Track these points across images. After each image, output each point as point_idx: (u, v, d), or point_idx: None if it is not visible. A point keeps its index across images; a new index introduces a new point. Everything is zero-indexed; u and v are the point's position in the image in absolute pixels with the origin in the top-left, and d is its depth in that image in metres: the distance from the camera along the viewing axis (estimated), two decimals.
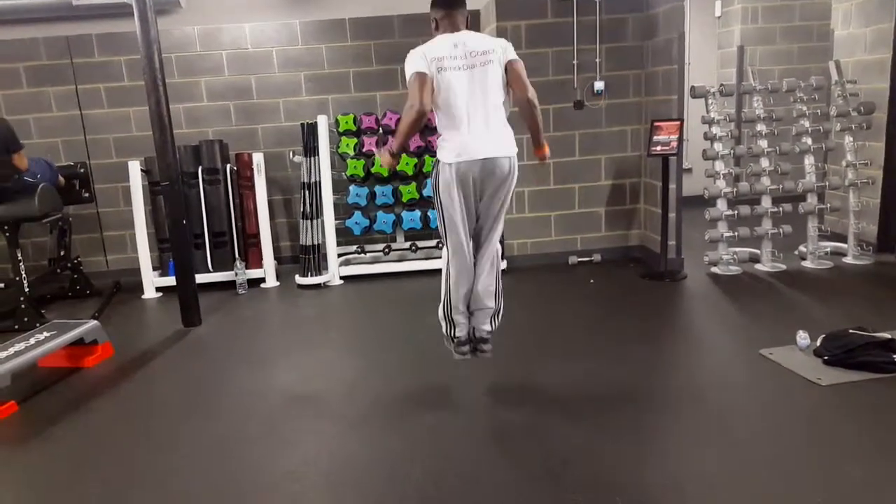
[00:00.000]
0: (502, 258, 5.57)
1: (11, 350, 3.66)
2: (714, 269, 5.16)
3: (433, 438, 2.92)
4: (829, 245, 5.32)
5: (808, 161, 5.20)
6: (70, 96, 5.85)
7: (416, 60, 2.96)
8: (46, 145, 5.83)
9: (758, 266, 5.20)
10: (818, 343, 3.48)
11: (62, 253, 5.56)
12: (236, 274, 5.45)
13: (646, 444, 2.79)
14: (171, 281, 5.07)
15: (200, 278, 5.11)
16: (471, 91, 2.96)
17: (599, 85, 5.40)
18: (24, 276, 4.84)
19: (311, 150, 5.45)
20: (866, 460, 2.56)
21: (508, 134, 3.06)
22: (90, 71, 5.82)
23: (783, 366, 3.38)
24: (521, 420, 3.02)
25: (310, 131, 5.44)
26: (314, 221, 5.50)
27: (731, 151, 5.13)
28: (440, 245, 3.21)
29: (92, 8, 5.61)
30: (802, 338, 3.56)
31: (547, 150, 3.21)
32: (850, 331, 3.46)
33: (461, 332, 3.20)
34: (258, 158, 5.54)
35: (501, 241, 5.57)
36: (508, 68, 3.01)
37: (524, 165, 5.52)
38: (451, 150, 2.99)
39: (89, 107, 5.88)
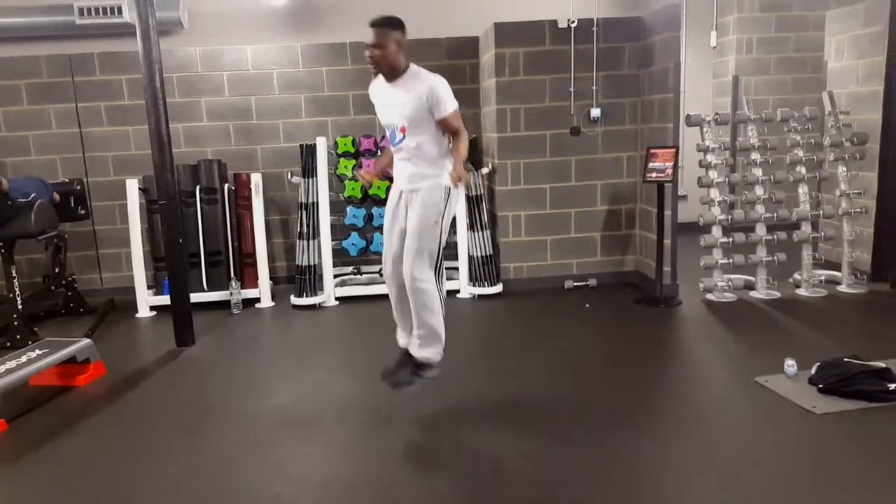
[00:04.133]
0: (498, 280, 5.60)
1: (2, 368, 3.63)
2: (709, 296, 5.17)
3: (426, 462, 2.89)
4: (824, 273, 5.34)
5: (803, 190, 5.25)
6: (70, 114, 5.88)
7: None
8: (45, 162, 5.84)
9: (752, 293, 5.21)
10: (813, 371, 3.48)
11: (57, 270, 5.54)
12: (231, 293, 5.44)
13: (639, 471, 2.77)
14: (165, 300, 5.05)
15: (195, 297, 5.09)
16: None
17: (596, 112, 5.46)
18: (17, 292, 4.81)
19: (309, 171, 5.48)
20: (861, 489, 2.55)
21: None
22: (91, 89, 5.86)
23: (778, 394, 3.38)
24: (514, 444, 3.00)
25: (308, 152, 5.48)
26: (311, 242, 5.51)
27: (726, 179, 5.17)
28: (438, 273, 3.21)
29: (95, 27, 5.66)
30: (790, 365, 3.56)
31: None
32: (845, 359, 3.47)
33: None
34: (256, 178, 5.56)
35: (498, 263, 5.62)
36: None
37: (520, 189, 5.57)
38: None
39: (89, 125, 5.91)
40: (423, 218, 3.11)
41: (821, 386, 3.36)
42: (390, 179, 3.38)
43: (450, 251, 5.63)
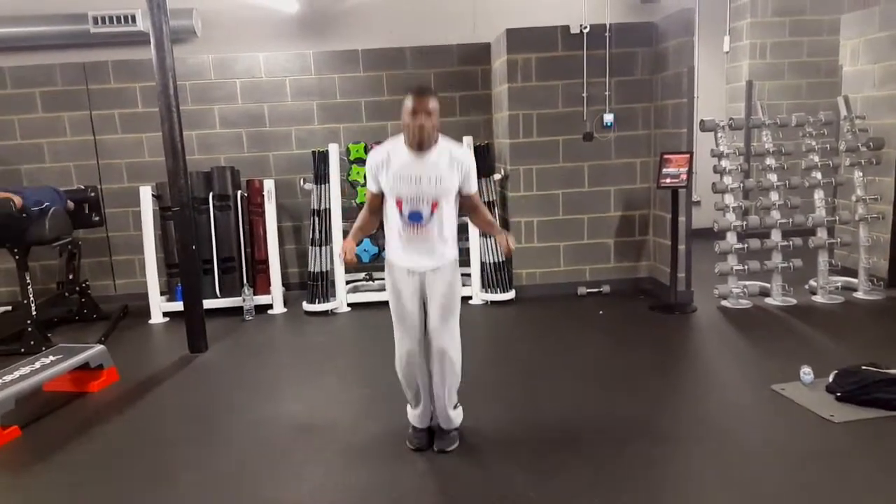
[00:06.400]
0: (511, 287, 5.58)
1: (17, 374, 3.65)
2: (724, 303, 5.12)
3: (440, 471, 2.87)
4: (840, 280, 5.28)
5: (818, 195, 5.19)
6: (84, 121, 5.93)
7: None
8: (59, 169, 5.89)
9: (768, 300, 5.15)
10: (830, 379, 3.44)
11: (71, 276, 5.57)
12: (244, 300, 5.45)
13: (657, 481, 2.74)
14: (178, 306, 5.07)
15: (208, 304, 5.10)
16: None
17: (609, 117, 5.43)
18: (31, 299, 4.84)
19: (321, 177, 5.49)
20: (882, 499, 2.50)
21: None
22: (105, 97, 5.91)
23: (795, 402, 3.34)
24: (528, 453, 2.97)
25: (321, 159, 5.49)
26: (323, 248, 5.51)
27: (741, 185, 5.13)
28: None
29: (109, 36, 5.71)
30: (806, 373, 3.52)
31: None
32: (863, 367, 3.42)
33: None
34: (269, 185, 5.57)
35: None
36: None
37: (533, 195, 5.55)
38: None
39: (103, 132, 5.95)
40: (452, 293, 2.98)
41: (839, 394, 3.32)
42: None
43: (462, 257, 5.63)
